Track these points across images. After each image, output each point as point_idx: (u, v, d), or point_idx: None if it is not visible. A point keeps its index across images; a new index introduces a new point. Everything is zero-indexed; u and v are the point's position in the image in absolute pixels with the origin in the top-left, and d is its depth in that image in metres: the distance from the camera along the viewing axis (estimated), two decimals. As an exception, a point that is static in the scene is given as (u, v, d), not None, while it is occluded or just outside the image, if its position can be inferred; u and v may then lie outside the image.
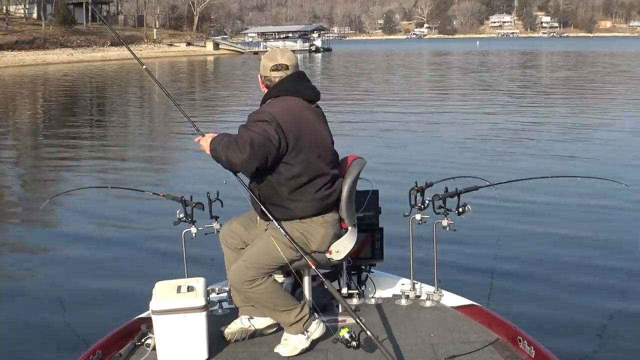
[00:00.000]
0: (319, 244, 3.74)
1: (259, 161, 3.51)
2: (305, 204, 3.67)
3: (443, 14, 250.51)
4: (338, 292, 3.82)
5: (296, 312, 3.74)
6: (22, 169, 13.92)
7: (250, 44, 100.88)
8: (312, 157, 3.66)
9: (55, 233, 8.60)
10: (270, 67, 3.76)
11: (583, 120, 18.66)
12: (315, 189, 3.68)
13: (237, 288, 3.76)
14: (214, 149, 3.61)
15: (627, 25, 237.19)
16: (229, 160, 3.54)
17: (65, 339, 5.35)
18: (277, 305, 3.72)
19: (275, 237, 3.66)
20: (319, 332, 3.79)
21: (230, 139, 3.55)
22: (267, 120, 3.55)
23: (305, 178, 3.65)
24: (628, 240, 7.55)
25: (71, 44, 75.37)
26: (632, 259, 6.94)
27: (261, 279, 3.67)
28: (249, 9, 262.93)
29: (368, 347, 3.57)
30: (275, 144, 3.53)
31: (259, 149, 3.48)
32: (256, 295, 3.71)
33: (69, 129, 19.35)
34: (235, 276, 3.70)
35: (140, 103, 29.32)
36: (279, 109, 3.63)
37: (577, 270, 6.69)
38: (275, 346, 3.79)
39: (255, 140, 3.48)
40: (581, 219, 8.51)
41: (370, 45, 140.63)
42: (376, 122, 18.95)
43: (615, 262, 6.86)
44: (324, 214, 3.73)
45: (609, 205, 8.95)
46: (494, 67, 48.92)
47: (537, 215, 8.63)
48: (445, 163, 11.99)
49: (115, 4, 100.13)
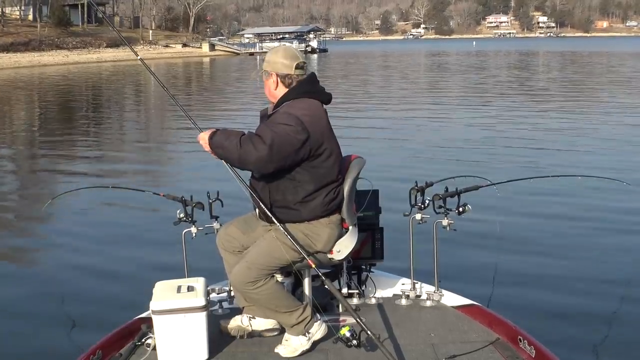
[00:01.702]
0: (324, 244, 3.74)
1: (276, 163, 3.45)
2: (314, 207, 3.66)
3: (440, 14, 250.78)
4: (338, 292, 3.81)
5: (298, 313, 3.73)
6: (22, 169, 13.90)
7: (247, 45, 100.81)
8: (330, 164, 3.65)
9: (55, 233, 8.59)
10: (295, 65, 3.66)
11: (583, 119, 18.69)
12: (326, 194, 3.67)
13: (240, 289, 3.74)
14: (219, 145, 3.48)
15: (623, 25, 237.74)
16: (242, 158, 3.44)
17: (65, 339, 5.33)
18: (279, 306, 3.71)
19: (279, 239, 3.65)
20: (321, 334, 3.78)
21: (248, 137, 3.46)
22: (293, 124, 3.47)
23: (321, 184, 3.63)
24: (629, 240, 7.55)
25: (67, 46, 75.26)
26: (632, 258, 6.94)
27: (264, 280, 3.66)
28: (246, 10, 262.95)
29: (368, 347, 3.57)
30: (297, 148, 3.48)
31: (279, 151, 3.42)
32: (258, 297, 3.69)
33: (68, 130, 19.36)
34: (238, 278, 3.68)
35: (138, 103, 29.33)
36: (304, 112, 3.55)
37: (577, 270, 6.69)
38: (276, 346, 3.77)
39: (275, 141, 3.41)
40: (582, 218, 8.52)
41: (367, 45, 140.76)
42: (376, 122, 18.94)
43: (616, 262, 6.86)
44: (330, 215, 3.73)
45: (610, 205, 8.96)
46: (490, 68, 48.97)
47: (538, 214, 8.64)
48: (446, 163, 12.01)
49: (111, 5, 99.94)
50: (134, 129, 20.70)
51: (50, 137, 18.29)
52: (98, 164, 13.80)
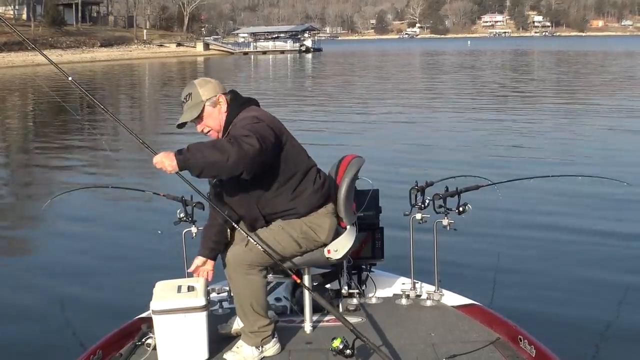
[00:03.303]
0: (327, 235, 3.74)
1: (265, 155, 3.39)
2: (308, 198, 3.68)
3: (435, 13, 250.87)
4: (329, 304, 3.76)
5: (263, 322, 3.68)
6: (20, 170, 13.84)
7: (242, 45, 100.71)
8: (297, 149, 3.69)
9: (55, 233, 8.58)
10: (223, 88, 3.73)
11: (583, 119, 18.74)
12: (311, 182, 3.69)
13: (234, 267, 3.63)
14: (197, 158, 3.31)
15: (619, 25, 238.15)
16: (239, 156, 3.26)
17: (65, 338, 5.33)
18: (254, 305, 3.65)
19: (285, 229, 3.66)
20: (273, 352, 3.74)
21: (225, 140, 3.39)
22: (257, 120, 3.51)
23: (301, 174, 3.66)
24: (629, 240, 7.56)
25: (60, 45, 74.95)
26: (633, 258, 6.95)
27: (258, 270, 3.63)
28: (241, 10, 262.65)
29: (365, 353, 3.54)
30: (274, 136, 3.50)
31: (264, 140, 3.39)
32: (243, 286, 3.64)
33: (67, 130, 19.25)
34: (236, 256, 3.62)
35: (134, 102, 29.19)
36: (255, 113, 3.61)
37: (578, 270, 6.70)
38: (226, 352, 3.73)
39: (258, 132, 3.38)
40: (582, 217, 8.53)
41: (362, 45, 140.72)
42: (376, 122, 18.94)
43: (616, 262, 6.87)
44: (326, 204, 3.75)
45: (610, 205, 8.97)
46: (486, 67, 49.02)
47: (538, 214, 8.65)
48: (446, 162, 12.00)
49: (105, 5, 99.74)
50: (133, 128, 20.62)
51: (49, 137, 18.23)
52: (97, 163, 13.78)
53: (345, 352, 3.33)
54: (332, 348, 3.38)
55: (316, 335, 3.96)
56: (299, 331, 4.00)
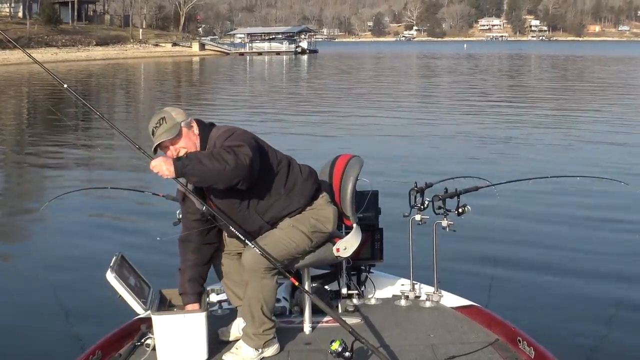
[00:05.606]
0: (333, 224, 3.77)
1: (259, 164, 3.48)
2: (301, 188, 3.71)
3: (432, 16, 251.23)
4: (328, 306, 3.76)
5: (268, 326, 3.69)
6: (18, 170, 13.76)
7: (238, 45, 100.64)
8: (273, 152, 3.72)
9: (54, 234, 8.56)
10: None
11: (583, 120, 18.82)
12: (297, 173, 3.73)
13: (252, 271, 3.61)
14: (195, 166, 3.34)
15: (615, 30, 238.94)
16: (237, 165, 3.33)
17: (65, 339, 5.32)
18: (264, 309, 3.66)
19: (296, 226, 3.68)
20: (272, 353, 3.74)
21: (221, 150, 3.42)
22: (238, 132, 3.56)
23: (285, 170, 3.69)
24: (629, 240, 7.57)
25: (56, 43, 74.79)
26: (632, 259, 6.98)
27: (272, 275, 3.64)
28: (239, 10, 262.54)
29: (363, 355, 3.54)
30: (258, 144, 3.57)
31: (255, 149, 3.48)
32: (259, 288, 3.63)
33: (66, 130, 19.14)
34: (254, 260, 3.58)
35: (130, 103, 29.12)
36: (228, 126, 3.67)
37: (577, 271, 6.71)
38: (225, 353, 3.73)
39: (248, 141, 3.47)
40: (581, 218, 8.56)
41: (358, 47, 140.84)
42: (375, 122, 18.94)
43: (616, 263, 6.89)
44: (321, 192, 3.79)
45: (610, 205, 9.00)
46: (485, 70, 49.11)
47: (537, 215, 8.67)
48: (445, 163, 12.02)
49: (101, 4, 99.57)
50: (132, 128, 20.57)
51: (48, 137, 18.16)
52: (97, 164, 13.73)
53: (344, 354, 3.32)
54: (331, 351, 3.36)
55: (315, 336, 3.96)
56: (298, 332, 4.00)
